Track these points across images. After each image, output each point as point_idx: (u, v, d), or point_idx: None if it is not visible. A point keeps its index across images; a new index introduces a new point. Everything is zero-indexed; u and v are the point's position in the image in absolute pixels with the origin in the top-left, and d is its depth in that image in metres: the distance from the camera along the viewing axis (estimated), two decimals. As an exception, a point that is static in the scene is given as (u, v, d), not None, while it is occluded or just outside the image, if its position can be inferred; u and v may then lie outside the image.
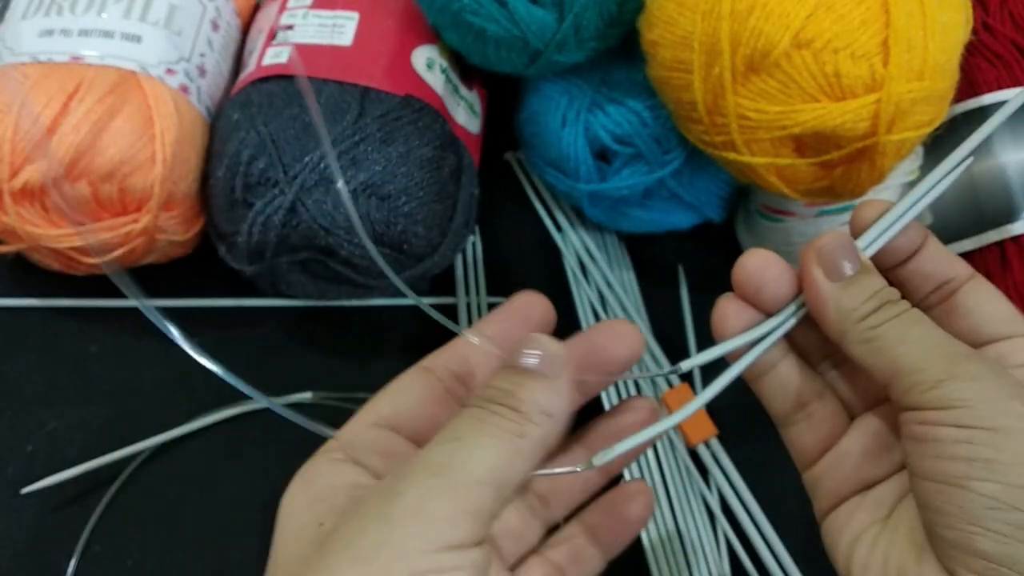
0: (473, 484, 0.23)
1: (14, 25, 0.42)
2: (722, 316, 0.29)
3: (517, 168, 0.53)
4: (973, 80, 0.45)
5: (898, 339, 0.26)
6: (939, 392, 0.24)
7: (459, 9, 0.40)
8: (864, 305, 0.26)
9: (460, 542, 0.22)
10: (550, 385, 0.25)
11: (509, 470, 0.23)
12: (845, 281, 0.27)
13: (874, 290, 0.27)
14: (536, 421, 0.24)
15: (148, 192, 0.40)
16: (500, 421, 0.24)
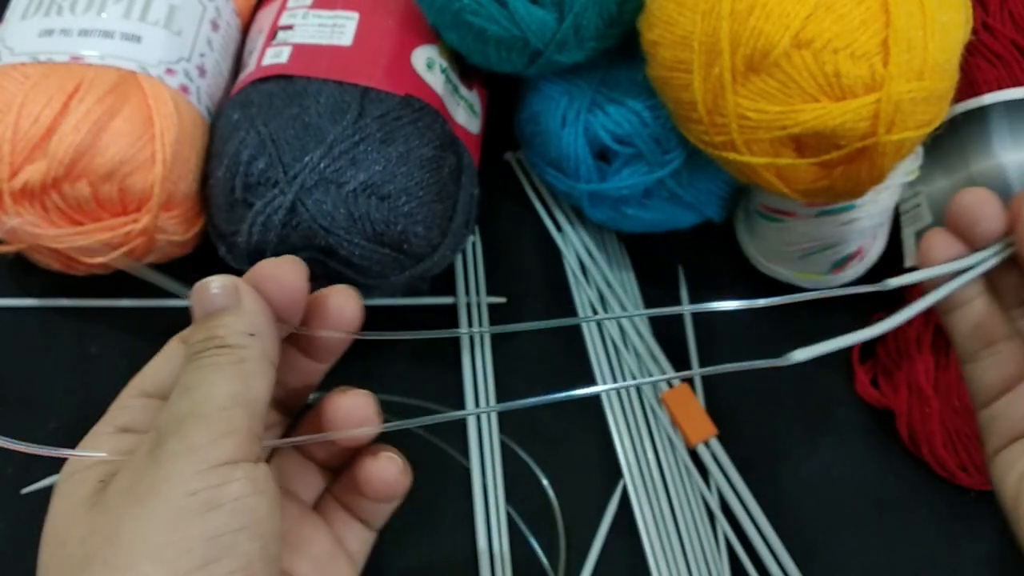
0: (220, 411, 0.24)
1: (14, 25, 0.42)
2: (930, 245, 0.30)
3: (517, 168, 0.53)
4: (973, 80, 0.45)
5: None
6: None
7: (459, 9, 0.40)
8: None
9: (227, 459, 0.23)
10: (237, 311, 0.26)
11: (248, 391, 0.24)
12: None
13: None
14: (245, 343, 0.25)
15: (148, 192, 0.40)
16: (216, 360, 0.25)
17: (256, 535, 0.23)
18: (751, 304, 0.29)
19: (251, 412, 0.24)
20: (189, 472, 0.22)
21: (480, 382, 0.45)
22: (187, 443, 0.23)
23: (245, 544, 0.22)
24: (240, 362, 0.25)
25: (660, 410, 0.45)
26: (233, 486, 0.23)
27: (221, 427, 0.23)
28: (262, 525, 0.23)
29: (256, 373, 0.25)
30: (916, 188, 0.47)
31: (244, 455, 0.24)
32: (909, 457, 0.44)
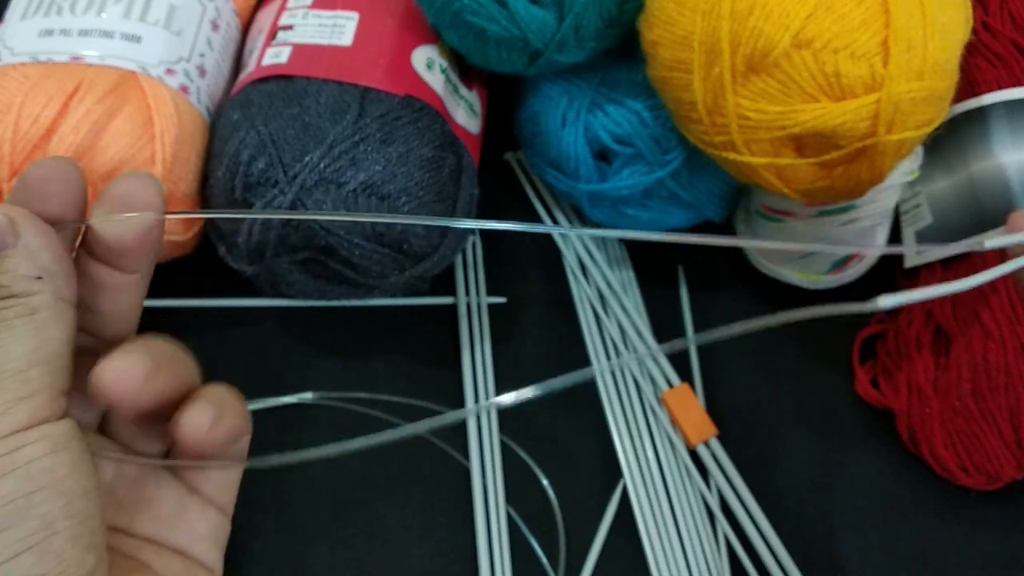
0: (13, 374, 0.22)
1: (14, 25, 0.42)
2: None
3: (517, 168, 0.53)
4: (973, 80, 0.45)
5: None
6: None
7: (459, 9, 0.40)
8: None
9: (23, 425, 0.21)
10: (23, 252, 0.23)
11: (43, 344, 0.22)
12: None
13: None
14: (33, 289, 0.23)
15: (148, 192, 0.40)
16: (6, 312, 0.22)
17: (56, 494, 0.21)
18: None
19: (51, 367, 0.22)
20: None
21: (480, 382, 0.45)
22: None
23: (42, 506, 0.21)
24: (31, 313, 0.22)
25: (660, 410, 0.45)
26: (26, 450, 0.21)
27: (14, 392, 0.22)
28: (64, 483, 0.22)
29: (51, 322, 0.23)
30: (916, 188, 0.47)
31: (43, 416, 0.22)
32: (909, 457, 0.44)
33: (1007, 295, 0.42)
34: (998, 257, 0.43)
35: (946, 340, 0.44)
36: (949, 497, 0.44)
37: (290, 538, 0.41)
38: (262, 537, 0.41)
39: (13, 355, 0.22)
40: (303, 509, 0.42)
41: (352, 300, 0.46)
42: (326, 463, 0.43)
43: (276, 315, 0.47)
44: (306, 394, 0.45)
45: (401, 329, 0.47)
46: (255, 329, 0.47)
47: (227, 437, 0.26)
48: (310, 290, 0.43)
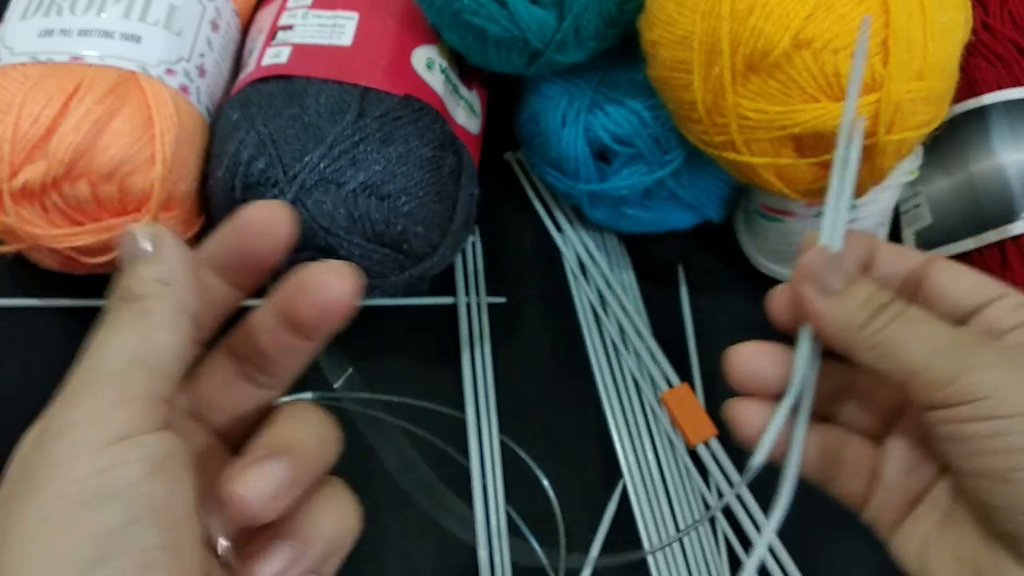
0: (113, 376, 0.21)
1: (14, 25, 0.42)
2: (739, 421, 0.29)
3: (517, 168, 0.53)
4: (973, 80, 0.45)
5: (904, 340, 0.26)
6: (958, 386, 0.24)
7: (459, 9, 0.40)
8: (861, 312, 0.26)
9: (120, 434, 0.20)
10: (153, 258, 0.23)
11: (150, 348, 0.22)
12: (838, 295, 0.27)
13: (867, 296, 0.27)
14: (155, 293, 0.22)
15: (148, 192, 0.40)
16: (121, 312, 0.22)
17: (153, 525, 0.20)
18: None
19: (152, 372, 0.22)
20: (75, 455, 0.20)
21: (480, 382, 0.45)
22: (72, 418, 0.21)
23: (138, 537, 0.20)
24: (144, 314, 0.22)
25: (660, 410, 0.45)
26: (125, 470, 0.20)
27: (112, 395, 0.21)
28: (162, 511, 0.20)
29: (163, 327, 0.22)
30: (916, 188, 0.47)
31: (141, 426, 0.21)
32: (909, 457, 0.44)
33: (1007, 295, 0.42)
34: (999, 258, 0.43)
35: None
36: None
37: (290, 538, 0.41)
38: (262, 537, 0.41)
39: (114, 356, 0.22)
40: (303, 509, 0.42)
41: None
42: (326, 463, 0.43)
43: (276, 315, 0.47)
44: (306, 394, 0.45)
45: (401, 329, 0.47)
46: (255, 329, 0.47)
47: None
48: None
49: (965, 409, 0.24)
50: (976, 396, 0.24)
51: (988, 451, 0.24)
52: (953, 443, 0.25)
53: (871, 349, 0.26)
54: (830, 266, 0.27)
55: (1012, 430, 0.23)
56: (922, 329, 0.26)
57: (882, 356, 0.26)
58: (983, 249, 0.43)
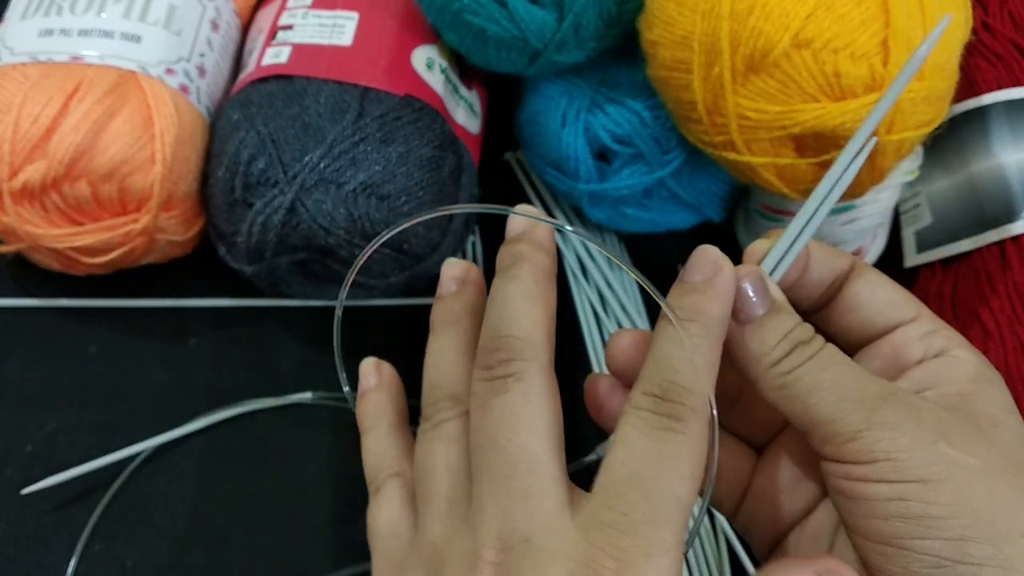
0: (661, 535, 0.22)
1: (14, 25, 0.42)
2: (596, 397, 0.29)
3: (517, 168, 0.53)
4: (973, 80, 0.45)
5: (811, 386, 0.24)
6: (859, 444, 0.23)
7: (459, 9, 0.40)
8: (775, 350, 0.25)
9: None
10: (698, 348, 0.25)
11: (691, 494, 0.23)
12: (755, 323, 0.26)
13: (784, 331, 0.25)
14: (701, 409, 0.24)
15: (148, 192, 0.40)
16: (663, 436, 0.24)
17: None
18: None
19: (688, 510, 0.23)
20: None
21: (480, 382, 0.45)
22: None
23: None
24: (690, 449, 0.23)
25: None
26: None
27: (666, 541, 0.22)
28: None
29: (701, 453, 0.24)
30: (916, 188, 0.47)
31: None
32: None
33: (1007, 296, 0.42)
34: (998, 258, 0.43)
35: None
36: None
37: (290, 538, 0.41)
38: (262, 537, 0.41)
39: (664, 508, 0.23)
40: (303, 509, 0.42)
41: (352, 300, 0.46)
42: (327, 463, 0.43)
43: (276, 315, 0.47)
44: (306, 394, 0.45)
45: (401, 329, 0.47)
46: (255, 329, 0.47)
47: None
48: (310, 290, 0.43)
49: (863, 469, 0.23)
50: (876, 458, 0.23)
51: (883, 514, 0.23)
52: (848, 500, 0.24)
53: (778, 389, 0.25)
54: (754, 290, 0.26)
55: (910, 496, 0.22)
56: (831, 376, 0.24)
57: (788, 399, 0.25)
58: (983, 249, 0.43)
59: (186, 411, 0.43)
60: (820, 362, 0.25)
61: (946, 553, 0.22)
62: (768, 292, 0.26)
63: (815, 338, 0.26)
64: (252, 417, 0.44)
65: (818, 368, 0.25)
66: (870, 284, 0.27)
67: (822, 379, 0.25)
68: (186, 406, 0.44)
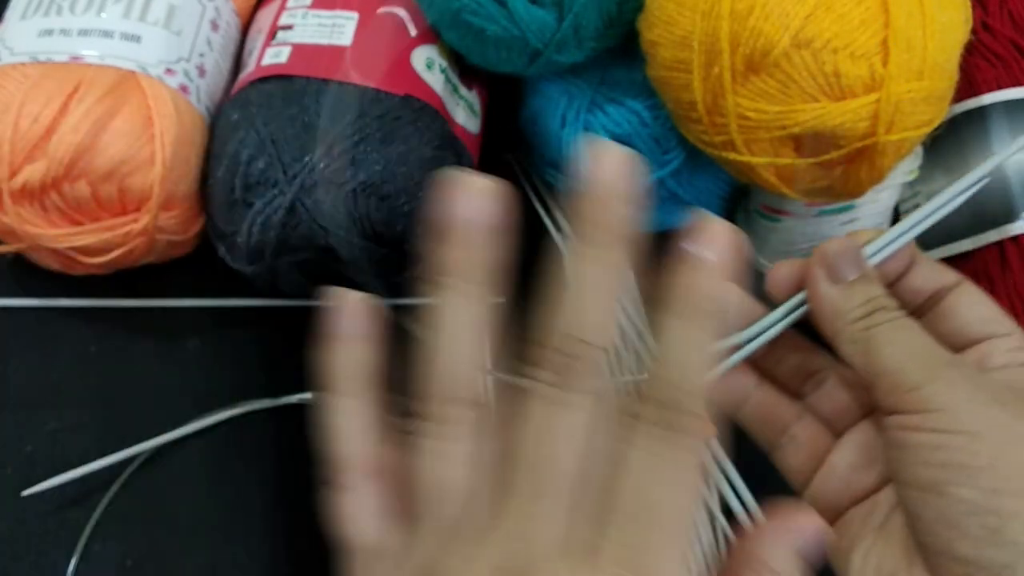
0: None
1: (14, 25, 0.42)
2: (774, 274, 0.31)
3: (517, 168, 0.53)
4: (973, 80, 0.45)
5: (885, 342, 0.27)
6: (918, 395, 0.25)
7: (459, 9, 0.40)
8: (858, 308, 0.28)
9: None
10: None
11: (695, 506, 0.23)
12: (844, 285, 0.28)
13: (869, 296, 0.28)
14: (707, 418, 0.23)
15: (148, 192, 0.40)
16: (669, 454, 0.22)
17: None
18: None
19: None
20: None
21: (480, 382, 0.45)
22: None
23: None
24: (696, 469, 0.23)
25: (660, 410, 0.45)
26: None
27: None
28: None
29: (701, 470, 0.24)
30: (916, 188, 0.47)
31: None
32: (909, 457, 0.44)
33: (1007, 296, 0.42)
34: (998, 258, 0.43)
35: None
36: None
37: (290, 538, 0.41)
38: (262, 537, 0.41)
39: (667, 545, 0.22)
40: (303, 509, 0.42)
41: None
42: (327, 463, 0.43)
43: (276, 315, 0.47)
44: (306, 394, 0.45)
45: (401, 328, 0.47)
46: (255, 329, 0.47)
47: None
48: (310, 290, 0.43)
49: (917, 418, 0.25)
50: (930, 408, 0.25)
51: (928, 462, 0.25)
52: (900, 449, 0.26)
53: (853, 343, 0.27)
54: (849, 258, 0.28)
55: (955, 446, 0.24)
56: (904, 336, 0.27)
57: (861, 352, 0.27)
58: (982, 249, 0.43)
59: (186, 411, 0.43)
60: (897, 325, 0.27)
61: (981, 501, 0.24)
62: (861, 263, 0.29)
63: (896, 308, 0.28)
64: (252, 417, 0.44)
65: (894, 329, 0.27)
66: (971, 299, 0.29)
67: (896, 338, 0.27)
68: (186, 406, 0.44)
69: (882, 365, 0.26)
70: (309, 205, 0.39)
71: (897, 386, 0.26)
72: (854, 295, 0.28)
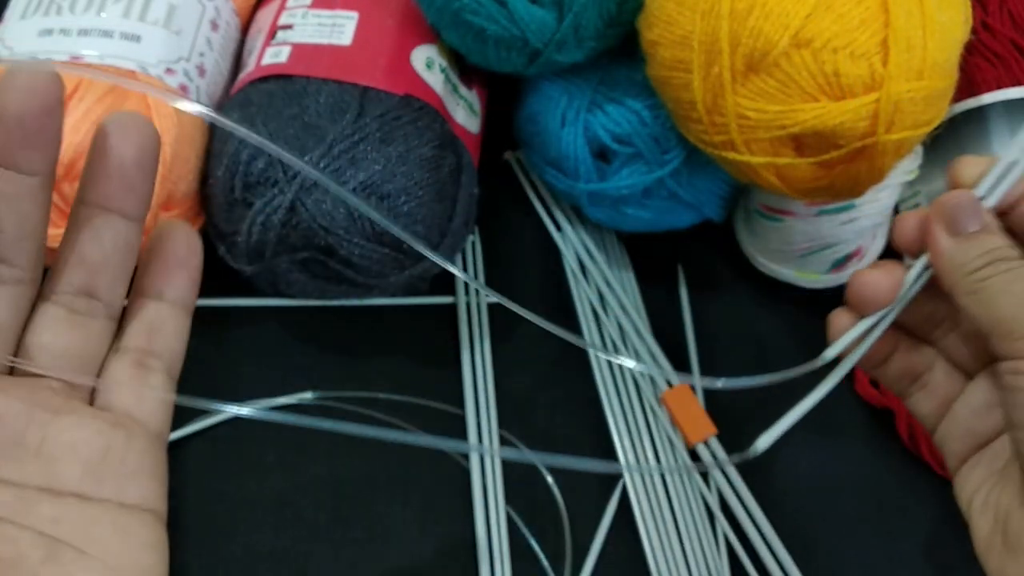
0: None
1: (14, 25, 0.42)
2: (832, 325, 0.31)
3: (517, 168, 0.53)
4: (972, 79, 0.45)
5: (1000, 291, 0.27)
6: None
7: (459, 9, 0.40)
8: (976, 260, 0.28)
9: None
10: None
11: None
12: (963, 237, 0.28)
13: (988, 248, 0.28)
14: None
15: (148, 192, 0.40)
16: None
17: None
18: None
19: None
20: None
21: (480, 381, 0.45)
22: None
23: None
24: None
25: (660, 410, 0.45)
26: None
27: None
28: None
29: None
30: (916, 187, 0.47)
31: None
32: (909, 457, 0.44)
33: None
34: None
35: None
36: (949, 496, 0.43)
37: (290, 538, 0.41)
38: (263, 537, 0.41)
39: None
40: (303, 509, 0.42)
41: (352, 300, 0.46)
42: (327, 463, 0.43)
43: (276, 315, 0.47)
44: (306, 394, 0.45)
45: (401, 329, 0.47)
46: (255, 329, 0.47)
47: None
48: (310, 290, 0.43)
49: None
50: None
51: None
52: (1012, 393, 0.26)
53: (971, 294, 0.27)
54: (968, 210, 0.28)
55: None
56: (1021, 286, 0.27)
57: (977, 302, 0.27)
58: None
59: (186, 411, 0.43)
60: (1015, 275, 0.27)
61: None
62: (980, 214, 0.28)
63: (1016, 258, 0.28)
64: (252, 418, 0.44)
65: (1011, 279, 0.27)
66: None
67: (1012, 288, 0.27)
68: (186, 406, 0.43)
69: (997, 315, 0.27)
70: (309, 205, 0.39)
71: (1010, 334, 0.26)
72: (972, 248, 0.28)
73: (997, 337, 0.27)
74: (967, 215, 0.28)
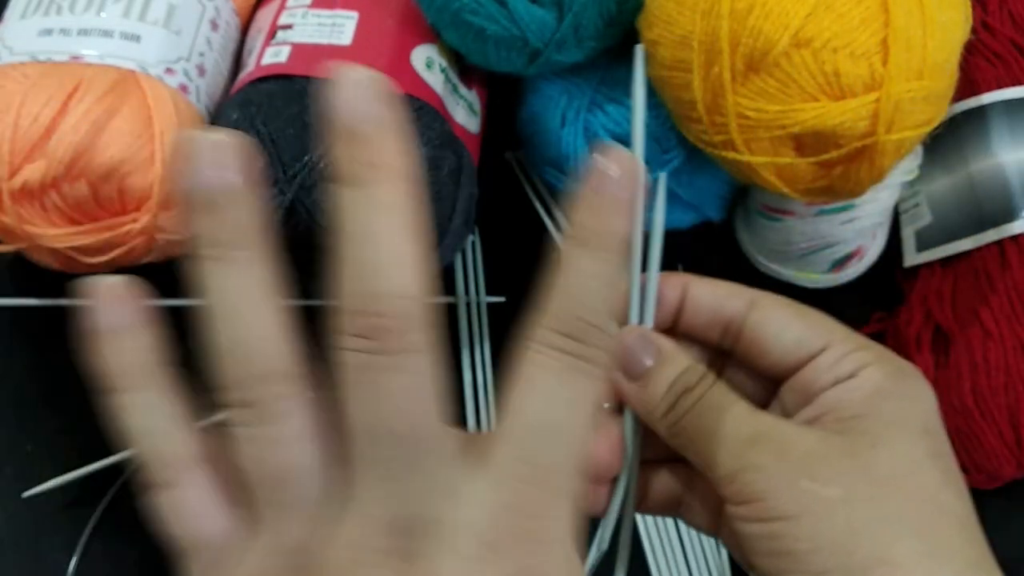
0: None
1: (13, 25, 0.42)
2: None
3: (517, 168, 0.53)
4: (972, 79, 0.45)
5: (695, 432, 0.26)
6: (736, 486, 0.25)
7: (458, 8, 0.40)
8: (663, 401, 0.26)
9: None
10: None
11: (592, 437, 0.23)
12: (644, 377, 0.27)
13: (670, 381, 0.26)
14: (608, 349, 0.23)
15: (147, 191, 0.40)
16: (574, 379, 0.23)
17: None
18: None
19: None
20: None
21: (479, 381, 0.45)
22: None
23: None
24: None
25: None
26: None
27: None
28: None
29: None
30: (916, 187, 0.47)
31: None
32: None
33: (1007, 295, 0.42)
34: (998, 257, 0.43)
35: (945, 339, 0.44)
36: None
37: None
38: (262, 537, 0.41)
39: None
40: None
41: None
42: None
43: (276, 315, 0.47)
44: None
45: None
46: (255, 329, 0.47)
47: None
48: (309, 289, 0.43)
49: (743, 509, 0.25)
50: (749, 498, 0.24)
51: (762, 551, 0.24)
52: (738, 538, 0.25)
53: (673, 437, 0.26)
54: (637, 346, 0.27)
55: (779, 534, 0.24)
56: (712, 419, 0.26)
57: (681, 447, 0.26)
58: (982, 248, 0.43)
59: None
60: (702, 409, 0.26)
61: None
62: (653, 344, 0.27)
63: (701, 382, 0.26)
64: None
65: (699, 416, 0.26)
66: (771, 325, 0.28)
67: (703, 426, 0.26)
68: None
69: (702, 460, 0.26)
70: (309, 204, 0.39)
71: (719, 480, 0.25)
72: (654, 387, 0.27)
73: (713, 483, 0.26)
74: (638, 352, 0.27)
